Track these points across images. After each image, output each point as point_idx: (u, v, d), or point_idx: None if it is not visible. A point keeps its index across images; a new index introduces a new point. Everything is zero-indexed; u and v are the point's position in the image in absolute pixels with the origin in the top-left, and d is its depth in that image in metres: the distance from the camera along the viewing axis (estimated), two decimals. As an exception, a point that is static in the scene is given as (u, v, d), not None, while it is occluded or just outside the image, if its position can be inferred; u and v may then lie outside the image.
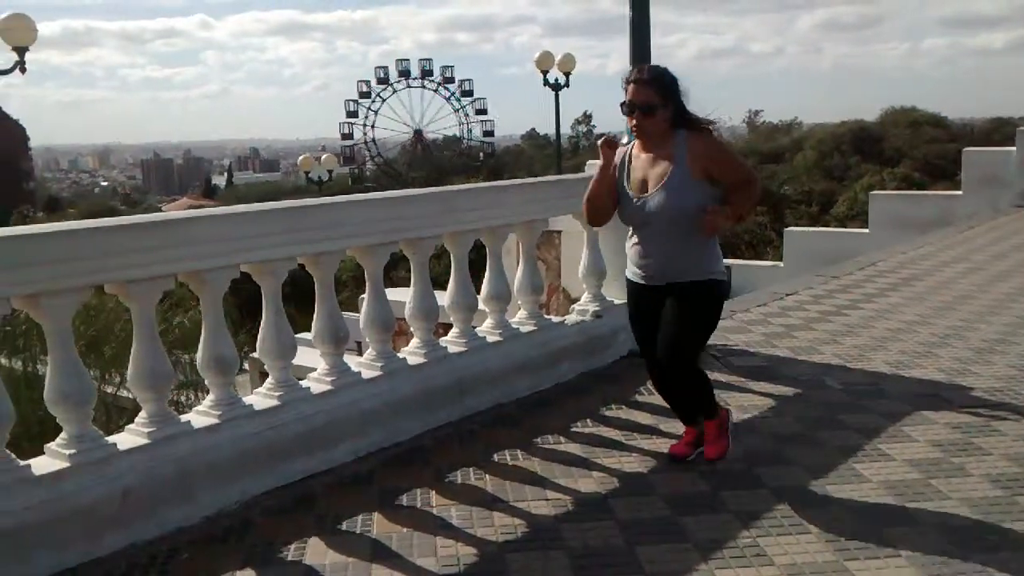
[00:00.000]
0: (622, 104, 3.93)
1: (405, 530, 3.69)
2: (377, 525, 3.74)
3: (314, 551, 3.52)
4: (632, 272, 4.13)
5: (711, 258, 4.04)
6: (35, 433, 6.50)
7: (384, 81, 69.64)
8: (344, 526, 3.73)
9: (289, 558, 3.47)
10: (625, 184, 4.03)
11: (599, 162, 4.11)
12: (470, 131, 71.25)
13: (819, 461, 4.33)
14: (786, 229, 16.91)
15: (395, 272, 13.18)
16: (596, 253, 5.87)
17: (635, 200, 3.97)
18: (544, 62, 22.78)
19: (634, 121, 3.92)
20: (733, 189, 3.92)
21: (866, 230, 14.76)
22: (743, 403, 5.23)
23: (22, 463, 3.34)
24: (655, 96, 3.87)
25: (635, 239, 4.09)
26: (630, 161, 4.05)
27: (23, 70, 13.88)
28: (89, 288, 3.51)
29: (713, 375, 5.71)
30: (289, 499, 3.97)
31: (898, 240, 11.96)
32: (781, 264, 15.06)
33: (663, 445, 4.56)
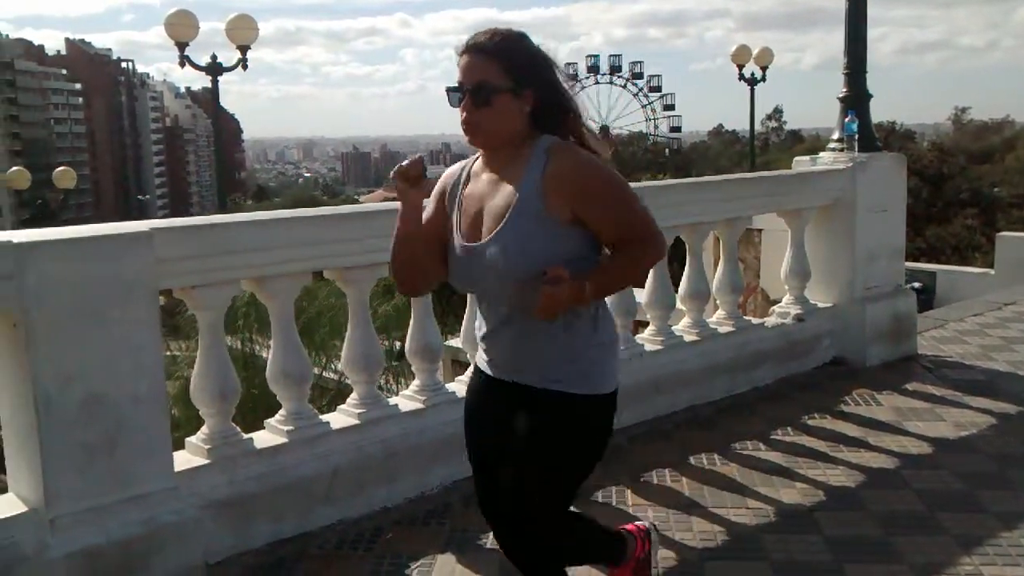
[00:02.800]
0: (448, 88, 2.37)
1: (601, 527, 3.65)
2: (573, 520, 3.72)
3: (511, 541, 3.54)
4: (478, 355, 2.61)
5: (584, 352, 2.38)
6: (247, 409, 6.92)
7: (573, 77, 69.53)
8: (540, 518, 3.74)
9: (488, 546, 3.51)
10: (454, 223, 2.44)
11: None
12: (657, 127, 70.51)
13: (1051, 488, 3.98)
14: (998, 234, 15.75)
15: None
16: (801, 253, 5.64)
17: (460, 250, 2.40)
18: (740, 56, 22.17)
19: (464, 114, 2.34)
20: (616, 247, 2.35)
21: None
22: (960, 419, 4.88)
23: (245, 436, 3.55)
24: (497, 74, 2.30)
25: (478, 306, 2.59)
26: (466, 183, 2.46)
27: (244, 67, 14.87)
28: (309, 273, 3.69)
29: (926, 388, 5.39)
30: (486, 487, 4.02)
31: None
32: (992, 271, 14.04)
33: (872, 460, 4.32)
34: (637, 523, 3.07)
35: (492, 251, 2.31)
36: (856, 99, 5.92)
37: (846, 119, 5.79)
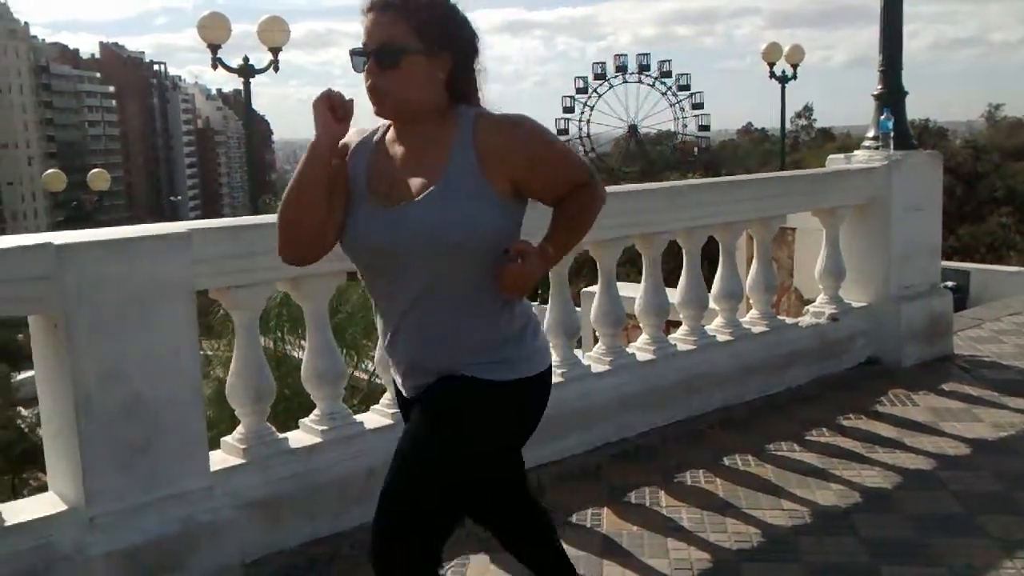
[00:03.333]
0: (352, 51, 2.12)
1: (635, 528, 3.65)
2: (607, 520, 3.72)
3: (545, 541, 3.54)
4: (393, 374, 2.35)
5: (511, 332, 2.18)
6: (279, 410, 6.97)
7: (601, 77, 69.76)
8: (574, 518, 3.74)
9: (521, 546, 3.51)
10: (362, 187, 2.15)
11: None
12: (685, 126, 70.15)
13: (1094, 490, 3.91)
14: (1036, 232, 15.53)
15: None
16: (836, 252, 5.59)
17: (372, 212, 2.11)
18: (771, 54, 22.04)
19: (369, 80, 2.08)
20: (561, 203, 2.23)
21: None
22: (998, 420, 4.81)
23: (280, 436, 3.57)
24: (406, 33, 2.04)
25: (377, 304, 2.26)
26: (376, 151, 2.19)
27: (276, 69, 15.00)
28: (343, 273, 3.70)
29: (962, 388, 5.32)
30: (519, 488, 4.01)
31: None
32: (1028, 270, 13.85)
33: (908, 461, 4.28)
34: None
35: (420, 213, 2.04)
36: (891, 96, 5.85)
37: (881, 116, 5.73)
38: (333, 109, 2.06)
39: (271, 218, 3.68)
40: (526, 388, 2.19)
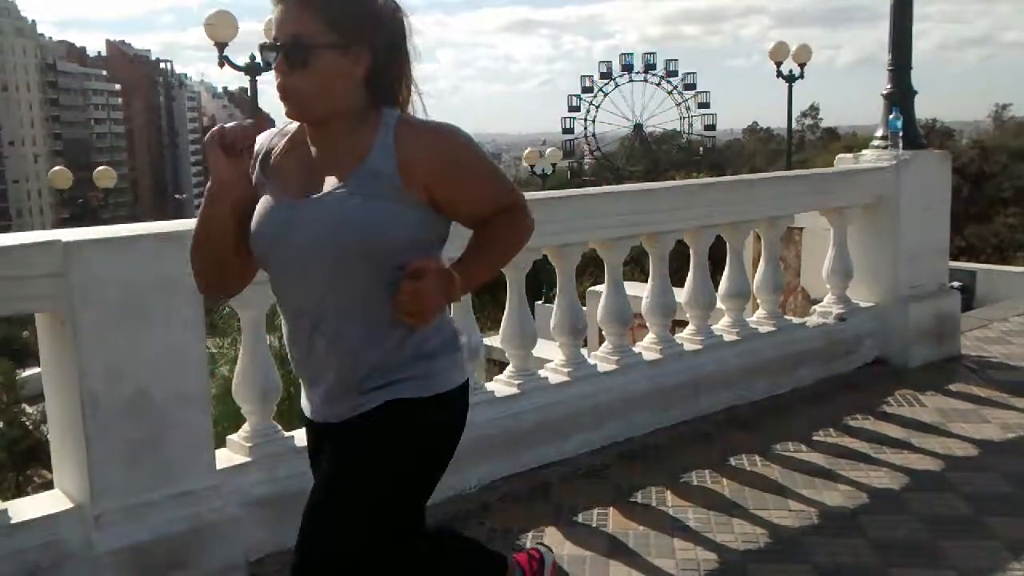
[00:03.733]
0: (261, 45, 1.93)
1: (641, 528, 3.63)
2: (613, 520, 3.70)
3: (551, 540, 3.53)
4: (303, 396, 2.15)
5: (426, 349, 1.99)
6: (284, 408, 6.95)
7: (607, 76, 69.80)
8: (580, 518, 3.73)
9: (527, 546, 3.50)
10: (269, 185, 1.99)
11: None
12: (691, 125, 70.14)
13: (1103, 492, 3.89)
14: (1044, 233, 15.48)
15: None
16: (843, 251, 5.57)
17: (274, 207, 1.94)
18: (778, 53, 22.00)
19: (278, 78, 1.89)
20: (482, 226, 2.00)
21: None
22: (1006, 421, 4.79)
23: (287, 434, 3.56)
24: (318, 26, 1.84)
25: (284, 314, 2.06)
26: (286, 153, 2.01)
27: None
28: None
29: (970, 389, 5.30)
30: (525, 486, 4.01)
31: None
32: (1035, 271, 13.80)
33: (916, 461, 4.26)
34: (532, 549, 2.78)
35: (321, 210, 1.86)
36: (900, 95, 5.82)
37: (890, 116, 5.71)
38: (226, 147, 1.89)
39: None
40: (440, 405, 2.01)
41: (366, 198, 1.85)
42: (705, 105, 69.66)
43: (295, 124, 2.01)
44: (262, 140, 2.03)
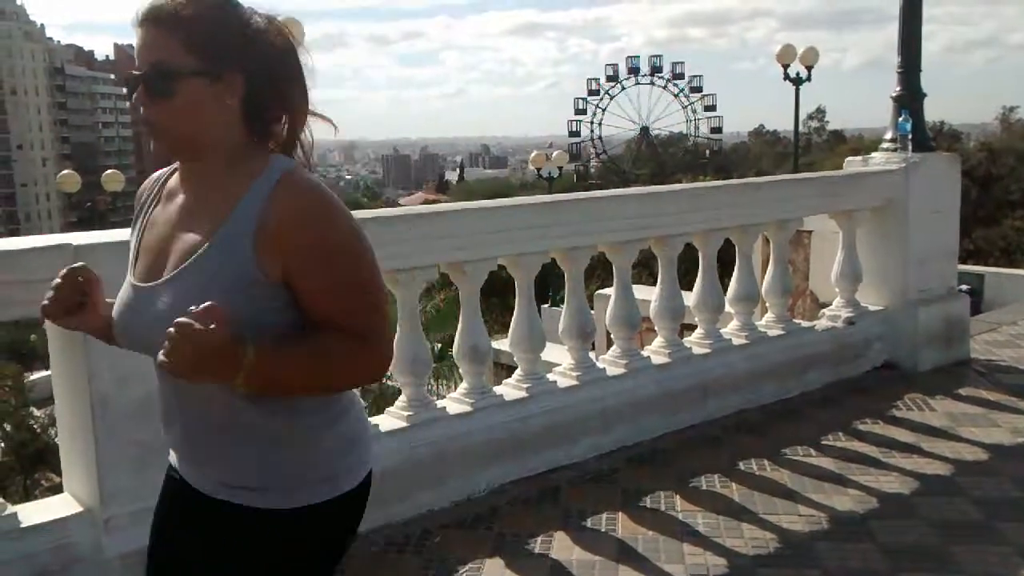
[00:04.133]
0: (126, 74, 1.70)
1: (651, 533, 3.62)
2: (622, 525, 3.69)
3: (560, 545, 3.53)
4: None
5: (302, 448, 1.67)
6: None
7: (613, 79, 69.79)
8: (589, 523, 3.72)
9: (536, 551, 3.50)
10: (132, 257, 1.77)
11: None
12: (697, 128, 70.08)
13: (1115, 497, 3.87)
14: (1052, 236, 15.41)
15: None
16: (852, 254, 5.55)
17: (127, 290, 1.74)
18: (785, 56, 21.92)
19: (141, 111, 1.67)
20: (321, 327, 1.60)
21: None
22: (1016, 425, 4.77)
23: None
24: (181, 51, 1.61)
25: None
26: (157, 202, 1.79)
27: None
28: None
29: (979, 393, 5.28)
30: (534, 490, 4.00)
31: None
32: (1044, 274, 13.74)
33: (925, 465, 4.24)
34: None
35: (165, 300, 1.61)
36: (909, 98, 5.81)
37: (900, 118, 5.69)
38: (62, 315, 1.78)
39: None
40: (313, 518, 1.66)
41: (207, 281, 1.57)
42: (711, 108, 69.59)
43: (171, 168, 1.80)
44: (146, 187, 1.84)
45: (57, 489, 3.24)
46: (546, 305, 15.44)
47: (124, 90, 1.75)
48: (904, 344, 5.68)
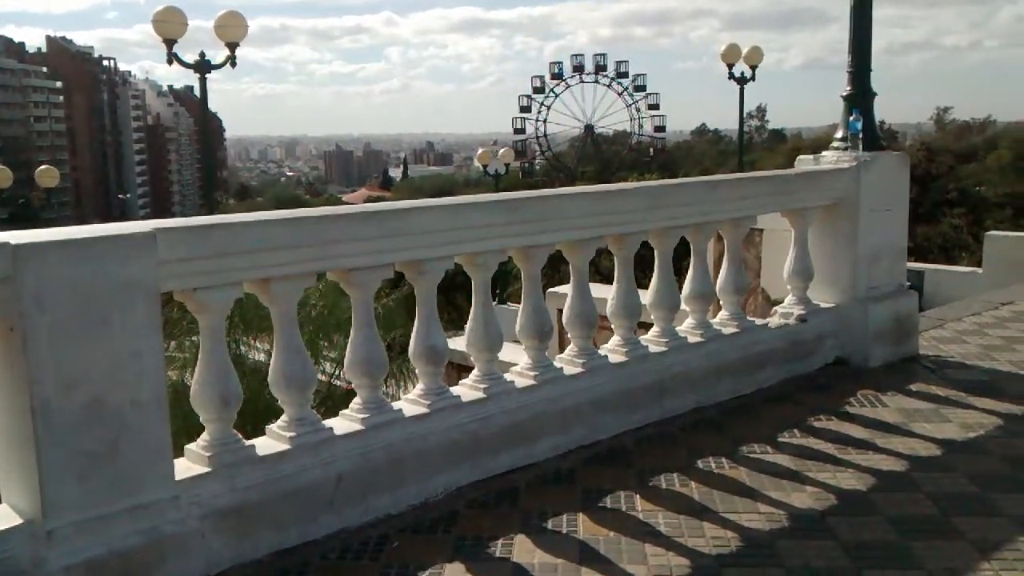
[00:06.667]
0: None
1: (612, 534, 3.58)
2: (583, 526, 3.64)
3: (521, 548, 3.46)
4: None
5: None
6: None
7: (558, 77, 70.00)
8: (550, 524, 3.66)
9: (497, 554, 3.43)
10: None
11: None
12: (641, 126, 70.64)
13: (1065, 491, 3.93)
14: (987, 233, 15.74)
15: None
16: (804, 252, 5.58)
17: None
18: (730, 55, 22.17)
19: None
20: None
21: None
22: (966, 420, 4.84)
23: (247, 443, 3.44)
24: None
25: None
26: None
27: (233, 64, 14.68)
28: (314, 275, 3.59)
29: (929, 388, 5.35)
30: (493, 492, 3.93)
31: None
32: (980, 270, 14.05)
33: (881, 462, 4.27)
34: None
35: None
36: (860, 97, 5.86)
37: (851, 117, 5.74)
38: None
39: (243, 217, 3.56)
40: None
41: None
42: (655, 107, 70.20)
43: None
44: None
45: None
46: (493, 301, 15.40)
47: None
48: (855, 340, 5.74)
